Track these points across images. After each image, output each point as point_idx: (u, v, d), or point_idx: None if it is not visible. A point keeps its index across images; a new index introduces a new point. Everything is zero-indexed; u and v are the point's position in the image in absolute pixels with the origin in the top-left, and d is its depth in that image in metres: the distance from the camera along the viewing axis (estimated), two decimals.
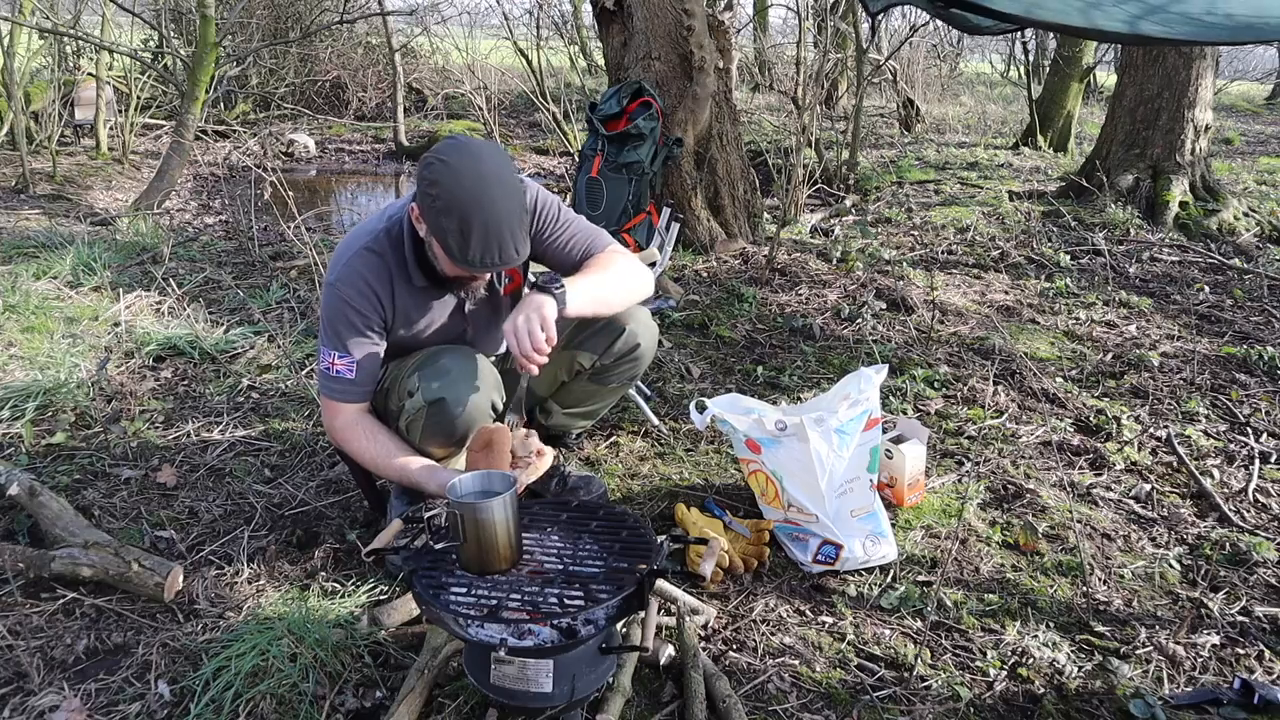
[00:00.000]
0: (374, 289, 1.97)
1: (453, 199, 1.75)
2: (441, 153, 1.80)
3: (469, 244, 1.77)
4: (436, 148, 1.83)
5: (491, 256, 1.79)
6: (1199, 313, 4.35)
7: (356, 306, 1.96)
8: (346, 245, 2.01)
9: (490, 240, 1.78)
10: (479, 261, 1.79)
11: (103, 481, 2.57)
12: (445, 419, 2.00)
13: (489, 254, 1.79)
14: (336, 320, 1.97)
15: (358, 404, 2.03)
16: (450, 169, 1.77)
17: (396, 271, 1.99)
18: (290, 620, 1.88)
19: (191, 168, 7.52)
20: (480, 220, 1.76)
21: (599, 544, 1.76)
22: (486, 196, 1.76)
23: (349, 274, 1.96)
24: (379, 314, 1.99)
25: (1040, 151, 9.12)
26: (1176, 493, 2.70)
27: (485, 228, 1.76)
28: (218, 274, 4.55)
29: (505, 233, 1.79)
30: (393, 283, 1.99)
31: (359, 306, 1.96)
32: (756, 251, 5.09)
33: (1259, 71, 23.09)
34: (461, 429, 2.03)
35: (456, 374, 2.00)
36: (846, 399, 2.31)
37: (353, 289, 1.95)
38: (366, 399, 2.04)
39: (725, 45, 5.70)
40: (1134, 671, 1.91)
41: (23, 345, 3.48)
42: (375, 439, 2.01)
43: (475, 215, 1.75)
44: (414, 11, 11.40)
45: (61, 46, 8.15)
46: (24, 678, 1.82)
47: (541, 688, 1.57)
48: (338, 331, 1.97)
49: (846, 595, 2.15)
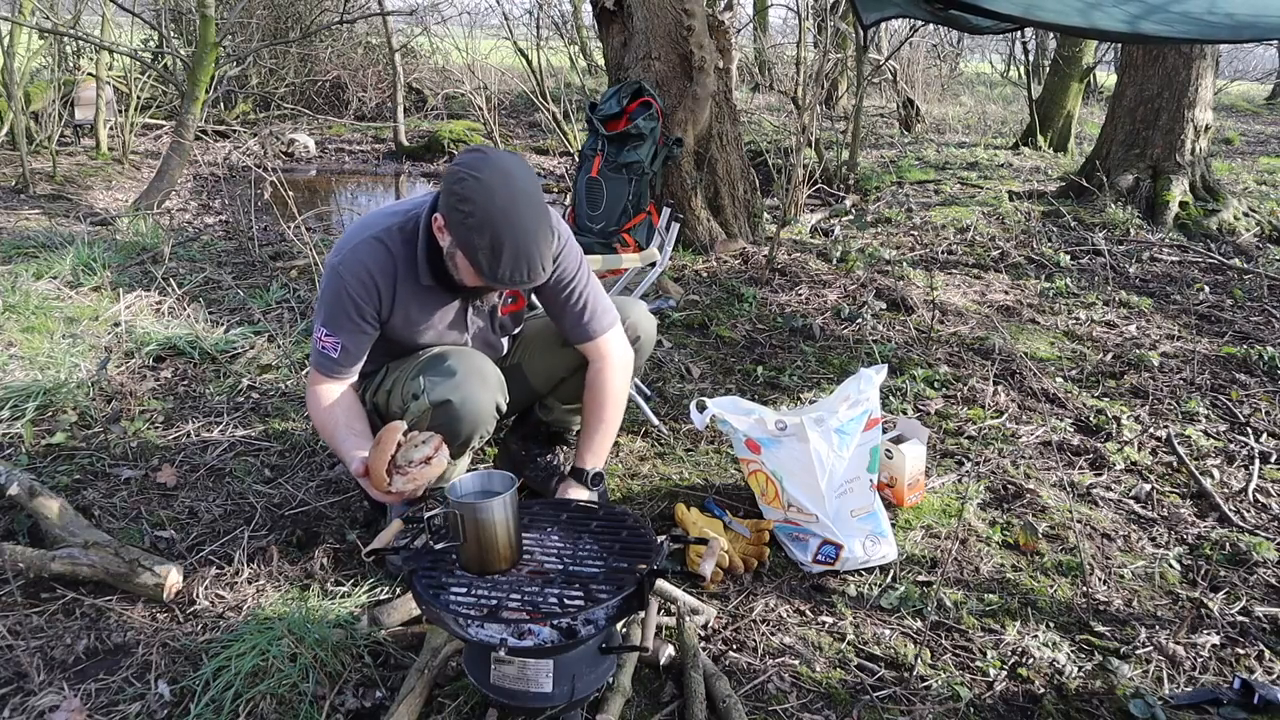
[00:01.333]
0: (375, 279, 1.97)
1: (486, 218, 1.77)
2: (471, 168, 1.81)
3: (499, 262, 1.80)
4: (464, 161, 1.84)
5: (520, 275, 1.82)
6: (1199, 313, 4.35)
7: (353, 294, 1.96)
8: (356, 230, 2.02)
9: (520, 260, 1.81)
10: (508, 279, 1.82)
11: (103, 481, 2.57)
12: (450, 421, 2.00)
13: (518, 272, 1.82)
14: (332, 303, 1.98)
15: (335, 380, 2.05)
16: (483, 187, 1.78)
17: (403, 267, 1.99)
18: (290, 620, 1.88)
19: (191, 168, 7.52)
20: (512, 240, 1.78)
21: (599, 544, 1.76)
22: (518, 216, 1.79)
23: (352, 260, 1.97)
24: (374, 304, 2.00)
25: (1040, 151, 9.12)
26: (1176, 493, 2.70)
27: (516, 247, 1.79)
28: (218, 274, 4.55)
29: (535, 252, 1.82)
30: (396, 277, 2.00)
31: (355, 294, 1.96)
32: (756, 251, 5.09)
33: (1259, 71, 23.09)
34: (466, 431, 2.04)
35: (462, 376, 2.01)
36: (846, 400, 2.31)
37: (353, 276, 1.96)
38: (346, 377, 2.06)
39: (725, 45, 5.70)
40: (1134, 671, 1.91)
41: (23, 345, 3.48)
42: (330, 412, 2.02)
43: (507, 235, 1.78)
44: (414, 11, 11.40)
45: (61, 46, 8.15)
46: (24, 678, 1.82)
47: (541, 688, 1.57)
48: (332, 313, 1.99)
49: (846, 595, 2.15)
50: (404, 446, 1.79)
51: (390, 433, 1.78)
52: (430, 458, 1.80)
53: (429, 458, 1.79)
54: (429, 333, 2.12)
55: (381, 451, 1.75)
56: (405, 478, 1.77)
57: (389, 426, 1.79)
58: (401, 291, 2.02)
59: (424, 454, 1.79)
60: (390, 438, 1.77)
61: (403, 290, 2.02)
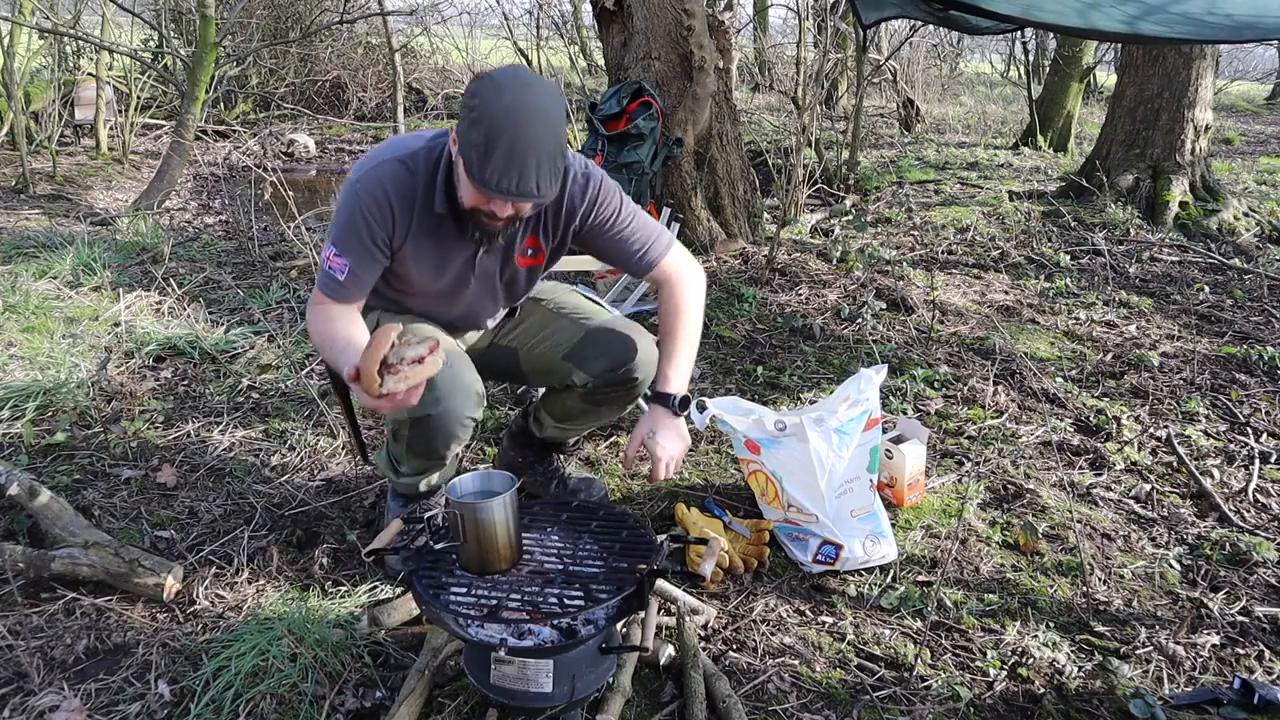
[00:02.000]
0: (391, 202, 1.87)
1: (486, 112, 1.65)
2: (494, 74, 1.72)
3: (489, 161, 1.66)
4: (492, 70, 1.75)
5: (510, 181, 1.68)
6: (1199, 313, 4.35)
7: (367, 215, 1.86)
8: (380, 151, 1.93)
9: (512, 164, 1.67)
10: (495, 184, 1.68)
11: (103, 481, 2.57)
12: (426, 437, 1.98)
13: (507, 178, 1.68)
14: (345, 222, 1.88)
15: (339, 302, 1.93)
16: (495, 86, 1.67)
17: (422, 193, 1.89)
18: (290, 620, 1.88)
19: (191, 168, 7.52)
20: (508, 139, 1.65)
21: (599, 544, 1.76)
22: (523, 119, 1.66)
23: (371, 180, 1.87)
24: (387, 229, 1.89)
25: (1040, 151, 9.12)
26: (1176, 493, 2.70)
27: (511, 148, 1.65)
28: (218, 274, 4.55)
29: (531, 160, 1.67)
30: (414, 203, 1.89)
31: (370, 215, 1.86)
32: (756, 251, 5.09)
33: (1259, 71, 23.10)
34: (443, 445, 2.01)
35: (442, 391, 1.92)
36: (846, 400, 2.31)
37: (370, 196, 1.86)
38: (351, 303, 1.94)
39: (725, 45, 5.70)
40: (1134, 671, 1.91)
41: (23, 345, 3.48)
42: (331, 326, 1.89)
43: (504, 133, 1.65)
44: (414, 11, 11.39)
45: (61, 46, 8.15)
46: (24, 678, 1.82)
47: (541, 688, 1.57)
48: (343, 233, 1.89)
49: (846, 595, 2.15)
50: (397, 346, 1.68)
51: (384, 333, 1.67)
52: (424, 358, 1.69)
53: (422, 357, 1.68)
54: (434, 275, 2.01)
55: (374, 351, 1.65)
56: (397, 376, 1.64)
57: (383, 328, 1.67)
58: (417, 218, 1.91)
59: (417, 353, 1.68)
60: (384, 338, 1.66)
61: (418, 217, 1.91)
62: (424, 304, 2.10)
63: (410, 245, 1.93)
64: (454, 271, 2.02)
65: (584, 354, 2.19)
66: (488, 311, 2.18)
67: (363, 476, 2.63)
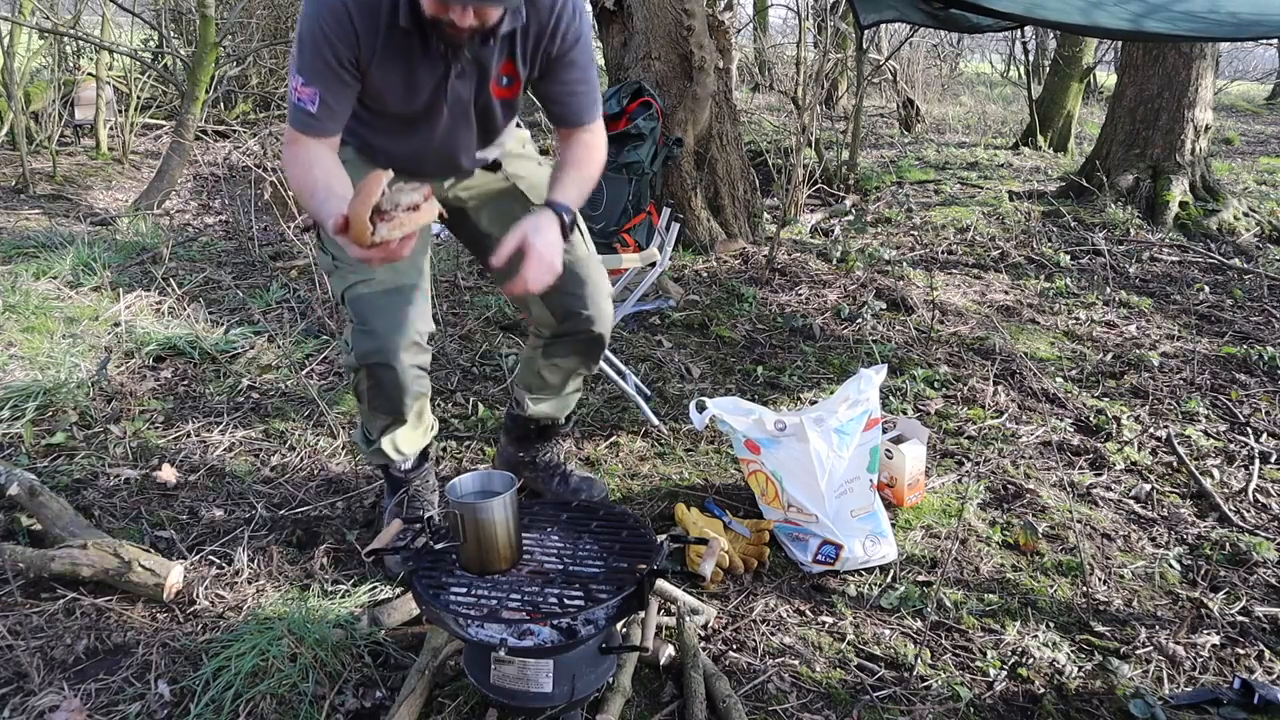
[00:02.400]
0: (353, 18, 1.74)
1: None
2: None
3: None
4: None
5: None
6: (1199, 313, 4.35)
7: (328, 34, 1.74)
8: None
9: None
10: None
11: (103, 481, 2.57)
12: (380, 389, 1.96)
13: None
14: (309, 46, 1.76)
15: (314, 137, 1.82)
16: None
17: (387, 11, 1.76)
18: (290, 620, 1.88)
19: (191, 168, 7.51)
20: None
21: (599, 544, 1.76)
22: None
23: None
24: (352, 49, 1.77)
25: (1040, 151, 9.11)
26: (1176, 493, 2.70)
27: None
28: (218, 274, 4.55)
29: None
30: (379, 17, 1.77)
31: (331, 34, 1.74)
32: (756, 251, 5.09)
33: (1259, 71, 23.08)
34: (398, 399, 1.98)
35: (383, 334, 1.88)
36: (846, 400, 2.31)
37: (330, 14, 1.73)
38: (327, 135, 1.83)
39: (725, 45, 5.70)
40: (1134, 671, 1.91)
41: (23, 345, 3.48)
42: (309, 173, 1.78)
43: None
44: None
45: (61, 46, 8.14)
46: (24, 678, 1.82)
47: (541, 688, 1.57)
48: (308, 59, 1.77)
49: (846, 595, 2.15)
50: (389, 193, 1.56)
51: (374, 179, 1.56)
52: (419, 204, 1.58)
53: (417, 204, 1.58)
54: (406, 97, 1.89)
55: (365, 196, 1.53)
56: (391, 223, 1.54)
57: (373, 174, 1.57)
58: (383, 38, 1.79)
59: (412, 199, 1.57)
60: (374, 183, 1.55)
61: (384, 35, 1.79)
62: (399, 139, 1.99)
63: (377, 65, 1.82)
64: (426, 95, 1.90)
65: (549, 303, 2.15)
66: (463, 145, 2.04)
67: (363, 476, 2.63)
